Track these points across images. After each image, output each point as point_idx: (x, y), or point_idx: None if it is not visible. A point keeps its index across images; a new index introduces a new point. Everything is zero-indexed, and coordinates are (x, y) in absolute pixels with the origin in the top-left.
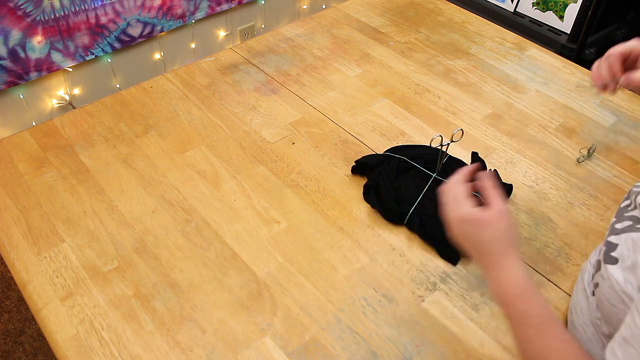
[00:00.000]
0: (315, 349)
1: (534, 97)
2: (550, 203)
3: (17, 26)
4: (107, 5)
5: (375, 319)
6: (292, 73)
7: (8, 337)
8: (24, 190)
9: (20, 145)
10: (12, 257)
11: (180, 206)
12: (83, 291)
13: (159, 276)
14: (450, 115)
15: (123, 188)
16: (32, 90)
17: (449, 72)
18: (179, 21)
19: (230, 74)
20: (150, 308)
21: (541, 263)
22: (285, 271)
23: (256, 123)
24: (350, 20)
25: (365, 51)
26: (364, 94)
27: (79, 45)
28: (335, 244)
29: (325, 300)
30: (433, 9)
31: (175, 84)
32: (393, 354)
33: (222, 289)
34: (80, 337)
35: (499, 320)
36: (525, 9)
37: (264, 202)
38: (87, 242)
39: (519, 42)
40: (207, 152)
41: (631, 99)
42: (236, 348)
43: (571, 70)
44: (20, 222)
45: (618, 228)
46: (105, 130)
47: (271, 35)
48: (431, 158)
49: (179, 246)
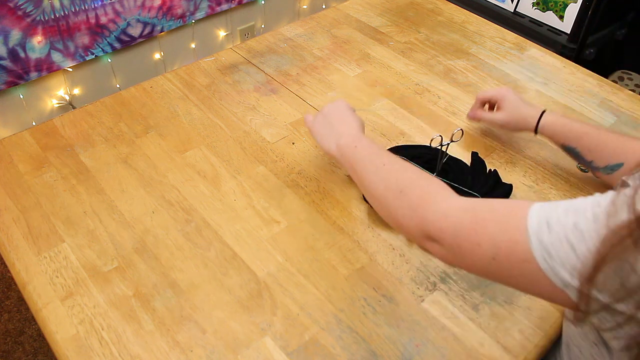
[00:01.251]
0: (315, 349)
1: (534, 97)
2: None
3: (17, 26)
4: (107, 5)
5: (375, 319)
6: (292, 73)
7: (8, 337)
8: (24, 190)
9: (20, 145)
10: (12, 257)
11: (180, 206)
12: (83, 291)
13: (159, 276)
14: (450, 115)
15: (123, 188)
16: (32, 90)
17: (449, 72)
18: (179, 21)
19: (230, 74)
20: (150, 308)
21: None
22: (285, 271)
23: (256, 123)
24: (350, 20)
25: (365, 51)
26: (364, 94)
27: (79, 45)
28: (335, 244)
29: (325, 300)
30: (433, 9)
31: (175, 84)
32: (393, 354)
33: (222, 289)
34: (80, 337)
35: (499, 320)
36: (525, 9)
37: (264, 202)
38: (87, 242)
39: (519, 42)
40: (207, 152)
41: (631, 99)
42: (236, 348)
43: (571, 70)
44: (20, 222)
45: None
46: (105, 130)
47: (271, 35)
48: (431, 158)
49: (179, 246)
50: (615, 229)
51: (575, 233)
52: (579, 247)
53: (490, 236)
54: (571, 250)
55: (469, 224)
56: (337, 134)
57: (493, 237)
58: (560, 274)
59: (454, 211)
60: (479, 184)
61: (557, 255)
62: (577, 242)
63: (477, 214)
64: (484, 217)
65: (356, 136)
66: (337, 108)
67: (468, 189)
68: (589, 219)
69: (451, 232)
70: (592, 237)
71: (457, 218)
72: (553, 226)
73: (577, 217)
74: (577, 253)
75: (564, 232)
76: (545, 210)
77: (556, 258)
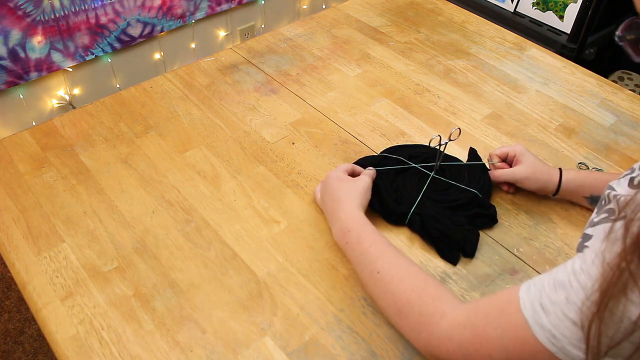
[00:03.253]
0: (315, 349)
1: (534, 97)
2: (550, 203)
3: (17, 26)
4: (107, 5)
5: (375, 319)
6: (292, 73)
7: (8, 337)
8: (24, 190)
9: (20, 145)
10: (12, 257)
11: (180, 206)
12: (83, 291)
13: (159, 276)
14: (450, 115)
15: (123, 188)
16: (32, 90)
17: (449, 72)
18: (179, 21)
19: (230, 74)
20: (150, 308)
21: (541, 263)
22: (285, 271)
23: (256, 123)
24: (350, 20)
25: (365, 51)
26: (364, 94)
27: (79, 45)
28: (335, 244)
29: (325, 300)
30: (433, 9)
31: (175, 84)
32: (393, 354)
33: (222, 289)
34: (80, 337)
35: None
36: (525, 9)
37: (264, 202)
38: (87, 242)
39: (519, 42)
40: (207, 152)
41: (631, 99)
42: (236, 348)
43: (571, 70)
44: (20, 222)
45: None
46: (105, 130)
47: (271, 35)
48: (428, 157)
49: (179, 246)
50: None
51: (570, 306)
52: (580, 319)
53: (496, 343)
54: (573, 325)
55: (472, 338)
56: (331, 219)
57: (499, 343)
58: (572, 354)
59: (455, 329)
60: (475, 180)
61: (562, 335)
62: (575, 316)
63: (476, 326)
64: (482, 327)
65: (345, 227)
66: (328, 185)
67: (465, 186)
68: (577, 287)
69: (460, 353)
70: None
71: (459, 336)
72: (548, 307)
73: (565, 290)
74: (579, 326)
75: (561, 310)
76: (532, 293)
77: (562, 338)
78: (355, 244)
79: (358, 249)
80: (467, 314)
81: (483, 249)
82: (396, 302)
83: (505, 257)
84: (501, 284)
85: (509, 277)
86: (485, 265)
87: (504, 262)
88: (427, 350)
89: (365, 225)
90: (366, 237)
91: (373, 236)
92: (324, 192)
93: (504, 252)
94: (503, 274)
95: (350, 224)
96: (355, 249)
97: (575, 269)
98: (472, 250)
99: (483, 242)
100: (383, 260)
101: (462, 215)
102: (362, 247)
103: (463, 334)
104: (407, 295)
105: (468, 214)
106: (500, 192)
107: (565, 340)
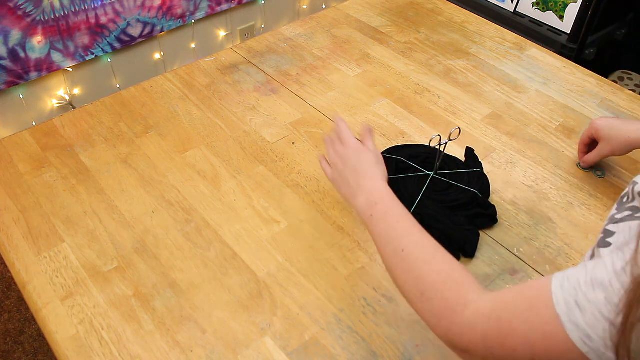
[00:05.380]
0: (315, 349)
1: (534, 97)
2: (550, 203)
3: (17, 26)
4: (107, 5)
5: (375, 319)
6: (292, 73)
7: (8, 337)
8: (24, 190)
9: (20, 145)
10: (12, 257)
11: (180, 206)
12: (83, 291)
13: (159, 276)
14: (450, 115)
15: (123, 188)
16: (32, 90)
17: (449, 72)
18: (179, 21)
19: (230, 74)
20: (150, 308)
21: (541, 263)
22: (285, 271)
23: (256, 123)
24: (350, 20)
25: (365, 51)
26: (364, 94)
27: (79, 45)
28: (335, 244)
29: (325, 300)
30: (433, 9)
31: (175, 84)
32: (393, 354)
33: (222, 289)
34: (80, 337)
35: None
36: (525, 9)
37: (264, 202)
38: (87, 242)
39: (519, 42)
40: (207, 152)
41: (631, 99)
42: (236, 348)
43: (571, 70)
44: (20, 222)
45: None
46: (105, 130)
47: (271, 35)
48: (428, 157)
49: (179, 246)
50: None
51: (609, 307)
52: (619, 321)
53: (523, 338)
54: (612, 327)
55: (497, 331)
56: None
57: (526, 338)
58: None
59: (479, 320)
60: (474, 179)
61: (597, 336)
62: (614, 317)
63: (501, 319)
64: (508, 320)
65: (371, 200)
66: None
67: (465, 186)
68: (619, 288)
69: (482, 345)
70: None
71: (483, 328)
72: (584, 306)
73: (605, 290)
74: (618, 328)
75: (598, 310)
76: (566, 289)
77: (597, 339)
78: (381, 218)
79: (384, 223)
80: (492, 306)
81: (483, 249)
82: (419, 285)
83: (505, 257)
84: (501, 284)
85: (509, 277)
86: (485, 265)
87: (504, 262)
88: (446, 338)
89: (392, 200)
90: (393, 213)
91: (400, 212)
92: (341, 165)
93: (504, 252)
94: (503, 274)
95: (376, 197)
96: (381, 223)
97: (617, 269)
98: (472, 250)
99: (483, 242)
100: (409, 239)
101: (462, 215)
102: (388, 222)
103: (488, 326)
104: (431, 278)
105: (468, 214)
106: (500, 192)
107: (602, 343)
